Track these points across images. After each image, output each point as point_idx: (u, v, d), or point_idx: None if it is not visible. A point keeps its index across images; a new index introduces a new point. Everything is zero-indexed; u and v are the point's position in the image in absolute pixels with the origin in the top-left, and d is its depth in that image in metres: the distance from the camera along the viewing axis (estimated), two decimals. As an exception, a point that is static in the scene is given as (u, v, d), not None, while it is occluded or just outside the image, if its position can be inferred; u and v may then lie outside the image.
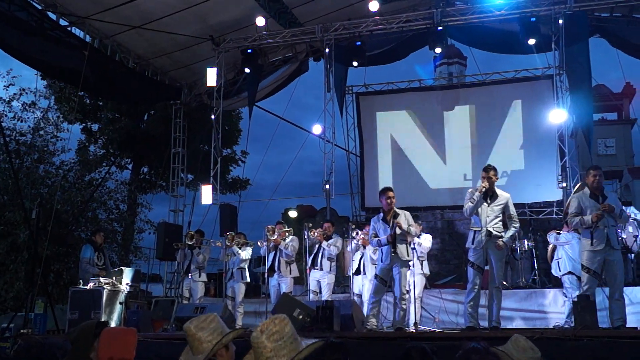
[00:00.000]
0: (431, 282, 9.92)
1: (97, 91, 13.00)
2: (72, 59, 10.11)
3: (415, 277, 8.20)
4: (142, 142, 16.84)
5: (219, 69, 11.76)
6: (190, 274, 9.79)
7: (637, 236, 9.71)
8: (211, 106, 12.53)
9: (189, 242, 9.76)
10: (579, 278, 8.13)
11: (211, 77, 11.67)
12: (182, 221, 13.07)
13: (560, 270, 8.40)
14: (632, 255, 9.93)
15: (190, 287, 9.84)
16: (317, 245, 9.18)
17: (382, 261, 7.15)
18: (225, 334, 2.47)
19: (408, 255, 7.12)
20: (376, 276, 7.21)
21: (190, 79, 13.34)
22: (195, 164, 14.02)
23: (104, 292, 8.08)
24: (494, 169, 6.79)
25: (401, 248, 7.04)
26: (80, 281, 8.58)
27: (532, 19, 10.42)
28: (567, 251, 8.33)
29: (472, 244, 6.72)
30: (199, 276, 9.89)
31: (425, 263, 8.82)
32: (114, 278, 8.48)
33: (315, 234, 9.08)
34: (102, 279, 8.33)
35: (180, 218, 13.18)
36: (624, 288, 8.66)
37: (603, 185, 6.61)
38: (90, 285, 8.21)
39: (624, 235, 9.64)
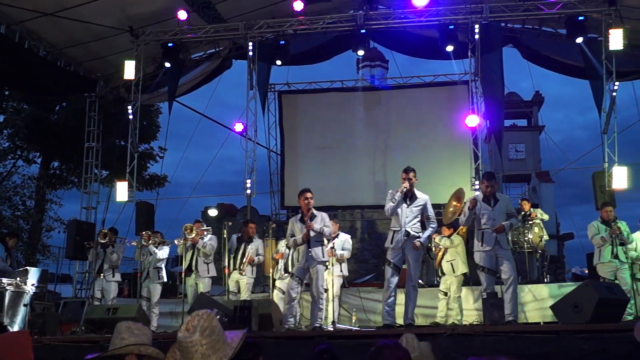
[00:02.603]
0: (350, 281, 10.04)
1: (2, 80, 12.21)
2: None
3: (333, 277, 8.29)
4: (52, 135, 16.01)
5: (138, 62, 11.38)
6: (102, 274, 9.41)
7: (542, 236, 10.27)
8: (129, 100, 12.11)
9: (102, 241, 9.36)
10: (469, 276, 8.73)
11: (129, 70, 11.28)
12: (95, 219, 12.58)
13: (454, 272, 8.70)
14: (538, 254, 10.50)
15: (102, 287, 9.46)
16: (242, 246, 9.08)
17: (298, 261, 7.21)
18: (145, 344, 2.36)
19: (323, 257, 7.17)
20: (292, 275, 7.23)
21: (106, 71, 12.81)
22: (111, 160, 13.50)
23: (6, 294, 7.61)
24: (414, 171, 6.97)
25: (316, 250, 7.08)
26: (-20, 282, 8.03)
27: (450, 27, 10.79)
28: (460, 254, 8.71)
29: (391, 243, 6.87)
30: (113, 276, 9.53)
31: (344, 265, 8.93)
32: (18, 279, 8.00)
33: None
34: (4, 280, 7.82)
35: (93, 216, 12.66)
36: (530, 285, 9.20)
37: (495, 190, 7.18)
38: (-9, 286, 7.71)
39: (530, 236, 10.17)
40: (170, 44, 11.39)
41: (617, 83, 10.19)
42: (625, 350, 4.97)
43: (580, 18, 10.21)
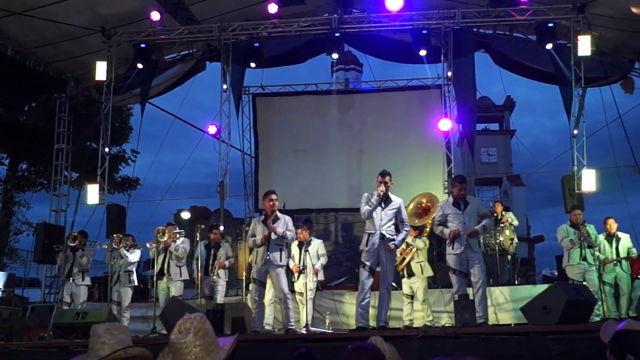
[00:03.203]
0: (323, 284, 10.05)
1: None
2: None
3: (307, 281, 8.31)
4: (21, 136, 15.68)
5: (110, 62, 11.23)
6: (72, 278, 9.25)
7: (513, 239, 10.42)
8: (100, 101, 11.94)
9: (72, 244, 9.21)
10: (433, 280, 8.93)
11: (100, 70, 11.10)
12: (65, 222, 12.35)
13: (423, 274, 8.77)
14: (509, 257, 10.65)
15: (72, 291, 9.30)
16: (212, 252, 9.06)
17: (256, 262, 7.20)
18: (130, 345, 2.34)
19: (281, 260, 7.16)
20: (254, 280, 7.23)
21: (77, 72, 12.60)
22: (81, 162, 13.29)
23: (-28, 298, 7.43)
24: (390, 175, 7.02)
25: (274, 254, 7.09)
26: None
27: (423, 31, 10.89)
28: (426, 256, 8.79)
29: (366, 246, 6.90)
30: (82, 280, 9.38)
31: (320, 273, 8.94)
32: (-16, 283, 7.82)
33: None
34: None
35: (62, 218, 12.43)
36: (501, 287, 9.31)
37: (467, 194, 7.25)
38: (-45, 290, 7.52)
39: (501, 238, 10.31)
40: (142, 45, 11.25)
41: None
42: (593, 351, 5.06)
43: (550, 25, 10.41)
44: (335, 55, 11.60)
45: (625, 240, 8.65)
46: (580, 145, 10.30)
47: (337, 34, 11.07)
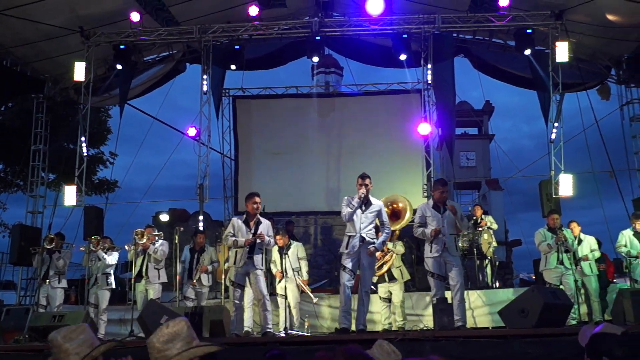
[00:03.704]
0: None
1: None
2: None
3: (286, 284, 8.31)
4: (-3, 136, 15.45)
5: (88, 63, 11.10)
6: (48, 280, 9.13)
7: (491, 243, 10.52)
8: (78, 102, 11.80)
9: (48, 246, 9.10)
10: (412, 284, 8.97)
11: (79, 71, 10.97)
12: (42, 223, 12.18)
13: (402, 278, 8.81)
14: (487, 260, 10.73)
15: (48, 294, 9.18)
16: (195, 256, 9.03)
17: (235, 263, 7.17)
18: (95, 346, 2.33)
19: (262, 265, 7.23)
20: (232, 282, 7.22)
21: (55, 72, 12.43)
22: (58, 163, 13.12)
23: (-55, 301, 7.29)
24: (370, 177, 7.05)
25: (257, 257, 7.14)
26: None
27: (403, 36, 10.96)
28: (401, 260, 8.84)
29: (347, 248, 6.92)
30: (59, 282, 9.27)
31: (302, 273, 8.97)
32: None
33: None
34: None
35: (39, 220, 12.25)
36: (479, 290, 9.39)
37: (447, 197, 7.28)
38: None
39: (479, 242, 10.40)
40: (122, 46, 11.16)
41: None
42: (570, 354, 5.13)
43: (528, 31, 10.55)
44: (315, 59, 11.60)
45: (587, 243, 8.75)
46: (558, 150, 10.45)
47: (318, 38, 11.09)
